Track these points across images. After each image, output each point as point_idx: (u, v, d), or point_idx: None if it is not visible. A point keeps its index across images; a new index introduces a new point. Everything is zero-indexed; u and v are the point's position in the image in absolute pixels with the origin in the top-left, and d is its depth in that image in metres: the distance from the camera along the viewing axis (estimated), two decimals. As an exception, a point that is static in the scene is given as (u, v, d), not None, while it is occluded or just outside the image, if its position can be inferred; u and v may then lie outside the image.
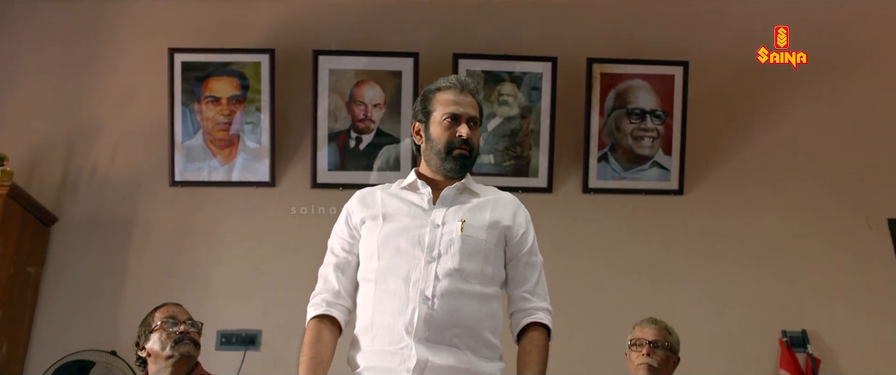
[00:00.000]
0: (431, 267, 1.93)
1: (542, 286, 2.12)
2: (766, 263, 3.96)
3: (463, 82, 2.16)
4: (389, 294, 1.94)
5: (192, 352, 2.54)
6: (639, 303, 3.84)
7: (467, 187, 2.13)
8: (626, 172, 4.06)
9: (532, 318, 2.04)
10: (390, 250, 1.98)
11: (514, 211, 2.14)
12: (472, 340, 1.91)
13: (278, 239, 3.91)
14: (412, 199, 2.09)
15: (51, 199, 3.89)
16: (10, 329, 3.43)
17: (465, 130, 2.07)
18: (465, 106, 2.11)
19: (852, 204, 4.09)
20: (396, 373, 1.86)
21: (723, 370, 3.74)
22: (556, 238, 3.96)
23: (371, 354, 1.93)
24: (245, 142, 3.98)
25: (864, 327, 3.85)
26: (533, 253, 2.13)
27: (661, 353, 2.63)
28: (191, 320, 2.64)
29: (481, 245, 2.00)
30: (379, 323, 1.93)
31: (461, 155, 2.07)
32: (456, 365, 1.87)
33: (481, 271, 1.98)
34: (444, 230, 1.99)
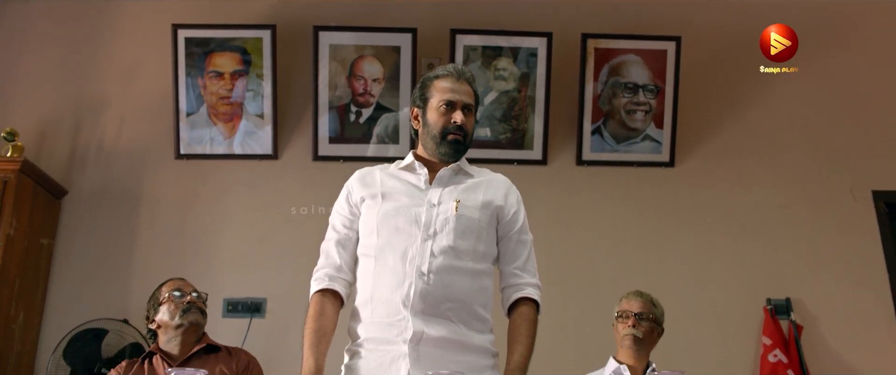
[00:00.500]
0: (427, 244, 2.05)
1: (531, 262, 2.23)
2: (753, 233, 4.10)
3: (460, 71, 2.25)
4: (388, 269, 2.06)
5: (199, 320, 2.67)
6: (630, 272, 3.99)
7: (462, 169, 2.24)
8: (619, 145, 4.17)
9: (522, 293, 2.16)
10: (389, 227, 2.10)
11: (506, 191, 2.25)
12: (464, 313, 2.04)
13: (281, 210, 4.04)
14: (410, 180, 2.20)
15: (60, 172, 4.00)
16: (26, 299, 3.58)
17: (460, 117, 2.17)
18: (460, 93, 2.20)
19: (838, 176, 4.21)
20: (394, 344, 1.99)
21: (709, 336, 3.89)
22: (551, 209, 4.10)
23: (371, 325, 2.06)
24: (248, 116, 4.08)
25: (846, 295, 4.00)
26: (523, 231, 2.24)
27: (646, 324, 2.77)
28: (196, 291, 2.78)
29: (474, 223, 2.11)
30: (378, 297, 2.06)
31: (455, 140, 2.18)
32: (449, 337, 1.99)
33: (474, 248, 2.09)
34: (439, 209, 2.10)
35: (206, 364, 2.57)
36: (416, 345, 1.96)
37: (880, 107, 4.31)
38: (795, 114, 4.27)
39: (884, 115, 4.30)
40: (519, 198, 2.28)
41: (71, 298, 3.81)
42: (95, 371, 3.34)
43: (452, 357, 1.98)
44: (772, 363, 3.76)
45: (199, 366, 2.55)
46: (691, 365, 3.75)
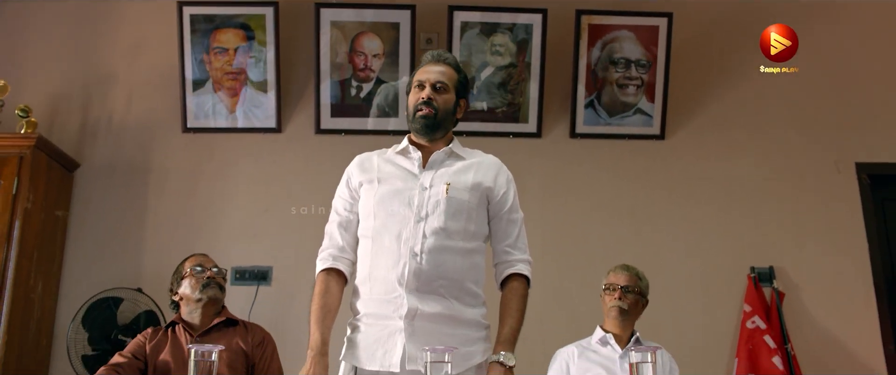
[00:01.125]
0: (420, 225, 2.20)
1: (522, 239, 2.37)
2: (740, 204, 4.25)
3: (438, 54, 2.39)
4: (384, 250, 2.21)
5: (218, 295, 2.84)
6: (621, 242, 4.17)
7: (454, 151, 2.36)
8: (612, 118, 4.30)
9: (512, 270, 2.31)
10: (384, 210, 2.25)
11: (496, 173, 2.37)
12: (456, 290, 2.20)
13: (285, 182, 4.19)
14: (404, 164, 2.34)
15: (72, 146, 4.15)
16: (44, 269, 3.76)
17: (427, 92, 2.31)
18: (432, 73, 2.34)
19: (823, 148, 4.35)
20: (390, 319, 2.16)
21: (695, 303, 4.08)
22: (545, 180, 4.26)
23: (369, 302, 2.23)
24: (252, 91, 4.21)
25: (827, 263, 4.17)
26: (513, 210, 2.37)
27: (632, 297, 2.94)
28: (216, 267, 2.93)
29: (464, 205, 2.25)
30: (375, 276, 2.22)
31: (423, 115, 2.30)
32: (442, 312, 2.16)
33: (464, 228, 2.24)
34: (431, 192, 2.24)
35: (224, 336, 2.75)
36: (410, 321, 2.13)
37: (865, 82, 4.42)
38: (782, 89, 4.39)
39: (869, 90, 4.42)
40: (509, 178, 2.40)
41: (86, 267, 3.99)
42: (112, 338, 3.54)
43: (445, 330, 2.15)
44: (749, 329, 3.95)
45: (218, 338, 2.72)
46: (677, 331, 3.96)
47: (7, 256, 3.51)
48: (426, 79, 2.33)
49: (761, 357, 3.87)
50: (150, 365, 2.67)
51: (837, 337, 4.06)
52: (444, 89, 2.33)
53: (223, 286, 2.93)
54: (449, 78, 2.35)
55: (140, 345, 2.73)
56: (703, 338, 4.01)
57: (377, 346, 2.15)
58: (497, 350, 2.16)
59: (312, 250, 2.47)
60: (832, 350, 4.04)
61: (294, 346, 3.24)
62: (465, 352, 2.14)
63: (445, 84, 2.34)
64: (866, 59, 4.43)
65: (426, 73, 2.35)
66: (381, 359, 2.12)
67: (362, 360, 2.16)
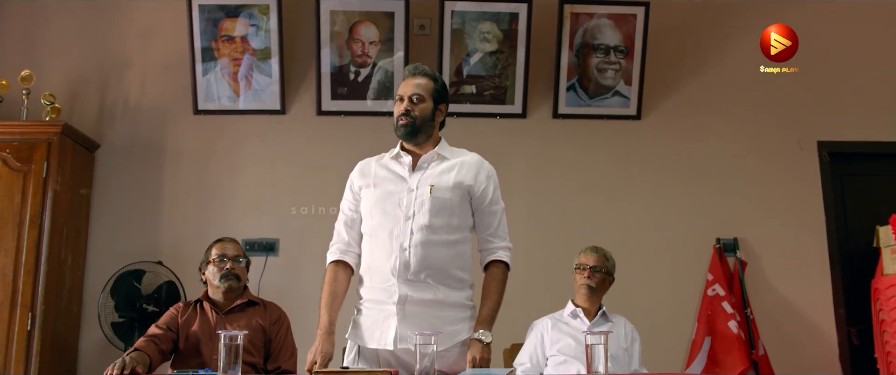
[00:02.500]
0: (408, 223, 2.55)
1: (502, 228, 2.72)
2: (709, 180, 4.62)
3: (413, 68, 2.70)
4: (380, 244, 2.58)
5: (233, 286, 3.15)
6: (599, 215, 4.54)
7: (440, 154, 2.68)
8: (592, 100, 4.63)
9: (493, 256, 2.67)
10: (379, 211, 2.61)
11: (477, 171, 2.69)
12: (442, 277, 2.56)
13: (289, 161, 4.54)
14: (396, 169, 2.67)
15: (91, 127, 4.48)
16: (72, 243, 4.13)
17: (402, 106, 2.62)
18: (409, 86, 2.64)
19: (787, 128, 4.69)
20: (386, 304, 2.53)
21: (664, 272, 4.48)
22: (529, 158, 4.61)
23: (370, 289, 2.60)
24: (257, 75, 4.53)
25: (787, 234, 4.56)
26: (494, 202, 2.70)
27: (599, 276, 3.30)
28: (238, 256, 3.23)
29: (447, 203, 2.59)
30: (374, 267, 2.59)
31: (403, 124, 2.62)
32: (429, 298, 2.53)
33: (448, 223, 2.58)
34: (417, 193, 2.58)
35: (244, 315, 3.11)
36: (402, 306, 2.51)
37: (828, 65, 4.73)
38: (752, 73, 4.68)
39: (831, 71, 4.73)
40: (489, 175, 2.72)
41: (108, 241, 4.36)
42: (137, 306, 3.93)
43: (433, 313, 2.53)
44: (710, 296, 4.36)
45: (240, 316, 3.09)
46: (648, 298, 4.37)
47: (40, 234, 3.88)
48: (404, 93, 2.64)
49: (718, 321, 4.29)
50: (181, 337, 3.04)
51: (793, 302, 4.47)
52: (420, 99, 2.63)
53: (240, 276, 3.21)
54: (425, 88, 2.64)
55: (173, 318, 3.10)
56: (671, 304, 4.42)
57: (375, 327, 2.53)
58: (476, 328, 2.53)
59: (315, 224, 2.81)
60: (788, 314, 4.46)
61: (299, 310, 3.61)
62: (450, 331, 2.52)
63: (421, 95, 2.63)
64: (829, 44, 4.73)
65: (404, 87, 2.66)
66: (378, 339, 2.51)
67: (364, 339, 2.54)
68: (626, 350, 3.23)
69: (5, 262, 3.82)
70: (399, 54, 4.54)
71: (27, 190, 3.91)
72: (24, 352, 3.75)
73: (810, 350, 4.42)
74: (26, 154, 3.95)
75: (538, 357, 3.22)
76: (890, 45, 4.81)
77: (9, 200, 3.89)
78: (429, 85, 2.67)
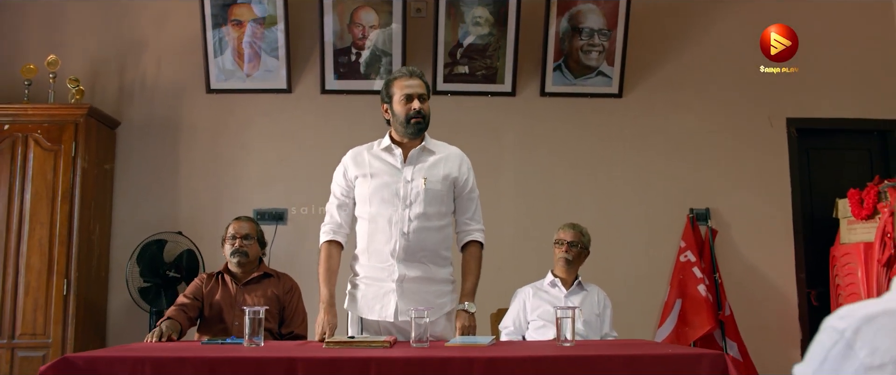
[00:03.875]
0: (406, 212, 2.91)
1: (478, 212, 3.09)
2: (684, 154, 4.99)
3: (411, 70, 3.00)
4: (379, 230, 2.94)
5: (242, 262, 3.47)
6: (582, 187, 4.92)
7: (426, 147, 3.03)
8: (576, 79, 4.97)
9: (470, 237, 3.05)
10: (378, 199, 2.96)
11: (459, 164, 3.05)
12: (433, 256, 2.95)
13: (296, 136, 4.91)
14: (389, 160, 3.00)
15: (112, 105, 4.83)
16: (99, 215, 4.53)
17: (418, 104, 2.94)
18: (415, 87, 2.95)
19: (759, 106, 5.04)
20: (385, 282, 2.92)
21: (641, 239, 4.88)
22: (518, 133, 4.98)
23: (368, 267, 2.97)
24: (265, 57, 4.86)
25: (755, 205, 4.95)
26: (472, 190, 3.08)
27: (575, 250, 3.69)
28: (248, 235, 3.54)
29: (439, 194, 2.96)
30: (373, 249, 2.96)
31: (417, 122, 2.94)
32: (423, 275, 2.92)
33: (438, 211, 2.96)
34: (412, 185, 2.94)
35: (260, 286, 3.49)
36: (400, 284, 2.90)
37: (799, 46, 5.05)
38: (728, 53, 5.03)
39: (800, 53, 5.03)
40: (468, 166, 3.09)
41: (131, 211, 4.76)
42: (161, 273, 4.34)
43: (425, 288, 2.93)
44: (682, 262, 4.77)
45: (256, 287, 3.48)
46: (625, 264, 4.78)
47: (72, 207, 4.27)
48: (414, 92, 2.94)
49: (689, 285, 4.70)
50: (206, 305, 3.44)
51: (758, 267, 4.88)
52: (425, 99, 2.98)
53: (249, 253, 3.52)
54: (425, 89, 2.98)
55: (198, 288, 3.49)
56: (646, 269, 4.84)
57: (375, 302, 2.93)
58: (462, 300, 2.94)
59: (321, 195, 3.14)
60: (753, 278, 4.88)
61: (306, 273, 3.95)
62: (438, 303, 2.93)
63: (425, 95, 2.98)
64: (799, 28, 5.02)
65: (411, 88, 2.95)
66: (379, 312, 2.91)
67: (364, 311, 2.94)
68: (598, 316, 3.65)
69: (42, 234, 4.22)
70: (394, 27, 4.85)
71: (58, 167, 4.28)
72: (61, 314, 4.18)
73: (772, 310, 4.85)
74: (56, 134, 4.32)
75: (521, 322, 3.64)
76: (854, 28, 5.13)
77: (42, 177, 4.27)
78: (426, 87, 3.00)
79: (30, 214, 4.24)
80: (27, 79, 4.53)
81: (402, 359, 2.20)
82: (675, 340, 4.64)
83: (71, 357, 2.18)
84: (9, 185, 4.26)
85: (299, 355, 2.23)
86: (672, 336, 4.67)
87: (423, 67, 4.83)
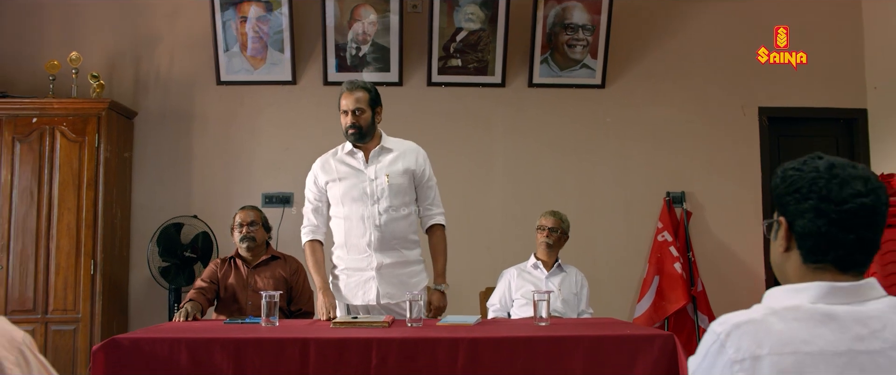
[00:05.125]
0: (375, 207, 3.29)
1: (437, 198, 3.48)
2: (663, 141, 5.36)
3: (350, 86, 3.33)
4: (354, 226, 3.32)
5: (250, 246, 3.85)
6: (566, 173, 5.30)
7: (384, 146, 3.39)
8: (562, 72, 5.32)
9: (433, 221, 3.45)
10: (349, 199, 3.34)
11: (415, 157, 3.42)
12: (403, 242, 3.35)
13: (300, 125, 5.27)
14: (353, 163, 3.37)
15: (129, 97, 5.19)
16: (120, 200, 4.91)
17: (349, 118, 3.28)
18: (350, 102, 3.27)
19: (733, 96, 5.40)
20: (365, 271, 3.31)
21: (621, 220, 5.27)
22: (508, 122, 5.34)
23: (347, 260, 3.36)
24: (272, 51, 5.21)
25: (727, 189, 5.33)
26: (430, 179, 3.46)
27: (556, 235, 4.08)
28: (253, 222, 3.92)
29: (401, 187, 3.35)
30: (350, 243, 3.34)
31: (352, 133, 3.30)
32: (397, 261, 3.32)
33: (403, 202, 3.35)
34: (376, 182, 3.32)
35: (269, 268, 3.88)
36: (379, 270, 3.30)
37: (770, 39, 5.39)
38: (704, 46, 5.38)
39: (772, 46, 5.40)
40: (425, 158, 3.45)
41: (149, 196, 5.14)
42: (178, 253, 4.74)
43: (400, 271, 3.33)
44: (660, 241, 5.17)
45: (265, 269, 3.86)
46: (606, 244, 5.18)
47: (96, 194, 4.66)
48: (347, 108, 3.29)
49: (666, 263, 5.11)
50: (221, 287, 3.83)
51: (729, 246, 5.28)
52: (360, 111, 3.30)
53: (256, 237, 3.90)
54: (363, 101, 3.28)
55: (213, 272, 3.88)
56: (625, 248, 5.24)
57: (357, 289, 3.33)
58: (436, 282, 3.35)
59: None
60: (724, 256, 5.28)
61: None
62: (413, 282, 3.35)
63: (361, 107, 3.29)
64: (771, 19, 5.37)
65: (346, 103, 3.28)
66: (362, 297, 3.32)
67: (349, 298, 3.35)
68: (576, 295, 4.05)
69: (70, 219, 4.61)
70: (393, 21, 5.19)
71: (83, 157, 4.66)
72: (89, 291, 4.59)
73: (742, 286, 5.25)
74: (80, 126, 4.69)
75: (506, 300, 4.04)
76: (823, 22, 5.46)
77: (69, 167, 4.65)
78: (365, 97, 3.31)
79: (58, 201, 4.63)
80: (51, 74, 4.88)
81: (398, 339, 2.60)
82: (652, 313, 5.06)
83: (118, 339, 2.58)
84: (38, 174, 4.64)
85: (311, 335, 2.62)
86: (650, 310, 5.08)
87: (419, 61, 5.27)
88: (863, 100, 5.46)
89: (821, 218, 1.46)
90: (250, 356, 2.56)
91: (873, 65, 5.42)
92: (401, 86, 5.27)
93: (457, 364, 2.56)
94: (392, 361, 2.54)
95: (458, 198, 4.76)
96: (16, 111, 4.68)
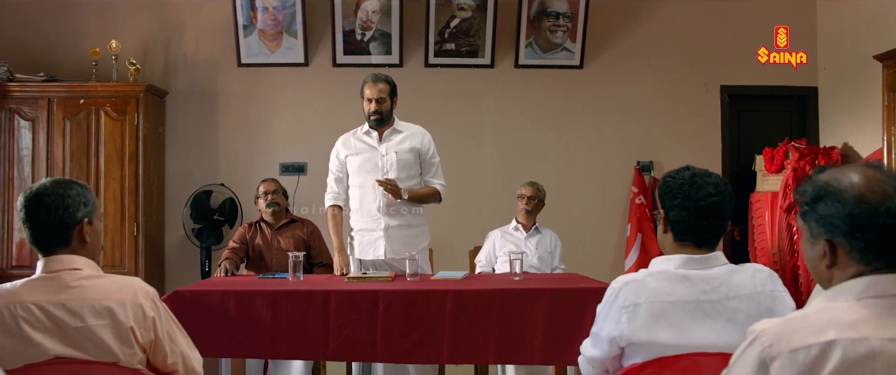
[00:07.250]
0: (384, 178, 3.95)
1: (439, 172, 4.14)
2: (634, 116, 6.02)
3: (375, 77, 3.99)
4: (367, 193, 4.00)
5: (276, 210, 4.53)
6: (549, 145, 5.98)
7: (396, 129, 4.07)
8: (545, 54, 5.96)
9: (432, 185, 4.10)
10: (363, 171, 4.02)
11: (422, 138, 4.09)
12: (407, 207, 4.02)
13: (312, 103, 5.94)
14: (368, 141, 4.05)
15: (160, 78, 5.85)
16: (156, 171, 5.62)
17: (372, 105, 3.95)
18: (374, 91, 3.95)
19: (697, 75, 6.04)
20: (375, 231, 4.00)
21: (596, 187, 5.97)
22: (496, 100, 6.01)
23: (361, 222, 4.05)
24: (286, 36, 5.85)
25: (690, 158, 5.76)
26: (433, 156, 4.12)
27: (534, 203, 4.78)
28: (275, 190, 4.60)
29: (407, 162, 4.02)
30: (364, 208, 4.03)
31: (375, 119, 3.98)
32: (402, 223, 4.01)
33: (408, 174, 4.02)
34: (387, 158, 4.01)
35: (289, 230, 4.57)
36: (387, 231, 3.99)
37: (732, 20, 6.03)
38: (674, 29, 6.00)
39: (735, 27, 6.03)
40: (429, 139, 4.12)
41: (180, 166, 5.84)
42: (208, 217, 5.46)
43: (405, 232, 4.01)
44: (636, 204, 5.87)
45: (286, 231, 4.56)
46: (584, 207, 5.89)
47: (137, 166, 5.36)
48: (372, 96, 3.96)
49: (644, 222, 5.82)
50: (250, 248, 4.55)
51: (691, 210, 5.97)
52: (382, 100, 3.97)
53: (279, 202, 4.59)
54: (384, 91, 3.96)
55: (242, 235, 4.59)
56: (602, 211, 5.95)
57: (369, 246, 4.03)
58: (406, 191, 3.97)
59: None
60: (687, 218, 5.97)
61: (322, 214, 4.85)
62: (414, 242, 4.01)
63: (383, 97, 3.97)
64: (734, 4, 5.99)
65: (371, 92, 3.95)
66: (372, 253, 4.02)
67: (361, 254, 4.04)
68: (550, 253, 4.77)
69: (115, 188, 5.33)
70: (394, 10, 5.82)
71: (124, 134, 5.35)
72: (133, 250, 5.33)
73: (701, 244, 5.95)
74: (121, 107, 5.37)
75: (491, 258, 4.77)
76: (779, 5, 6.08)
77: (112, 142, 5.34)
78: (386, 88, 3.98)
79: (105, 172, 5.34)
80: (94, 60, 5.54)
81: (400, 291, 3.31)
82: (639, 265, 5.77)
83: (180, 291, 3.30)
84: (86, 149, 5.34)
85: (331, 288, 3.34)
86: (637, 263, 5.76)
87: (417, 45, 5.91)
88: (814, 79, 6.08)
89: (685, 210, 2.17)
90: (284, 304, 3.27)
91: (824, 48, 6.04)
92: (401, 67, 5.91)
93: (445, 310, 3.27)
94: (395, 307, 3.25)
95: (451, 167, 5.38)
96: (66, 94, 5.36)
